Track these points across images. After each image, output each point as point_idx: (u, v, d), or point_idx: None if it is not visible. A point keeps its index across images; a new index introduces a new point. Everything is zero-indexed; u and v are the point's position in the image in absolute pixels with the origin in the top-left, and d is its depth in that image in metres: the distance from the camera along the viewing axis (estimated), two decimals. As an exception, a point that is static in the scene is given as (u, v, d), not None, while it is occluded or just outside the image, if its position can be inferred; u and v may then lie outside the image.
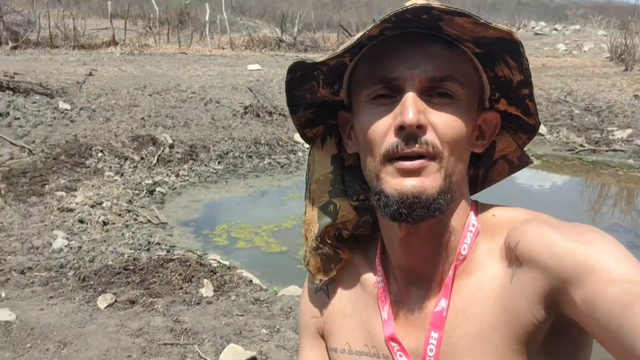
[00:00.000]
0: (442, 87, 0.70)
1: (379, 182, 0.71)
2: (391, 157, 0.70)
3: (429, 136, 0.69)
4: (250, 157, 7.92)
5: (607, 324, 0.56)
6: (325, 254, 0.86)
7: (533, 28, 22.90)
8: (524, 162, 0.85)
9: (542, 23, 23.74)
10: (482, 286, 0.72)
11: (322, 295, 0.90)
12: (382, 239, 0.83)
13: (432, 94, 0.70)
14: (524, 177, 8.31)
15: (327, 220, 0.84)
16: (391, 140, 0.69)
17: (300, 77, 0.79)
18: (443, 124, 0.70)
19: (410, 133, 0.68)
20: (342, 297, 0.87)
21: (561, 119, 10.16)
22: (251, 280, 4.01)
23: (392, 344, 0.78)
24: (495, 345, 0.69)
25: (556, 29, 22.16)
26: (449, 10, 0.64)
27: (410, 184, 0.69)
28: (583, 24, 23.32)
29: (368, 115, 0.73)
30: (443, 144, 0.70)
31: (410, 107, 0.68)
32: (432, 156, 0.69)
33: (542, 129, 9.67)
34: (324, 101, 0.83)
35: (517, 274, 0.69)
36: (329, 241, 0.86)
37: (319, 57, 0.76)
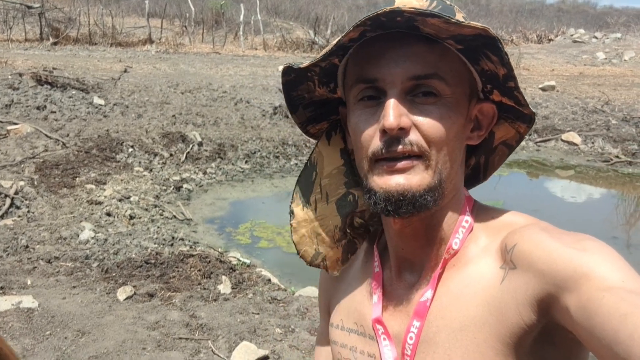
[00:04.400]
0: (426, 84, 0.71)
1: (368, 181, 0.74)
2: (377, 159, 0.72)
3: (412, 137, 0.70)
4: (277, 157, 7.96)
5: (602, 331, 0.55)
6: (347, 244, 0.90)
7: (572, 35, 22.36)
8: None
9: (582, 31, 23.16)
10: (470, 282, 0.73)
11: (332, 275, 0.95)
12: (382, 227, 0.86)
13: (416, 94, 0.71)
14: (556, 187, 8.12)
15: (348, 209, 0.88)
16: (376, 143, 0.71)
17: (295, 78, 0.81)
18: (428, 123, 0.70)
19: (392, 136, 0.70)
20: (347, 277, 0.92)
21: (597, 129, 9.88)
22: (270, 279, 4.01)
23: (378, 326, 0.80)
24: (476, 342, 0.69)
25: (596, 37, 21.57)
26: (419, 12, 0.65)
27: (395, 181, 0.71)
28: (624, 32, 22.65)
29: (357, 117, 0.75)
30: (429, 143, 0.71)
31: (391, 110, 0.69)
32: (418, 155, 0.71)
33: (576, 139, 9.42)
34: (324, 99, 0.86)
35: (509, 276, 0.68)
36: (349, 231, 0.89)
37: (306, 62, 0.78)
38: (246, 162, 7.71)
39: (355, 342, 0.84)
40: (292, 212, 0.91)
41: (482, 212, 0.80)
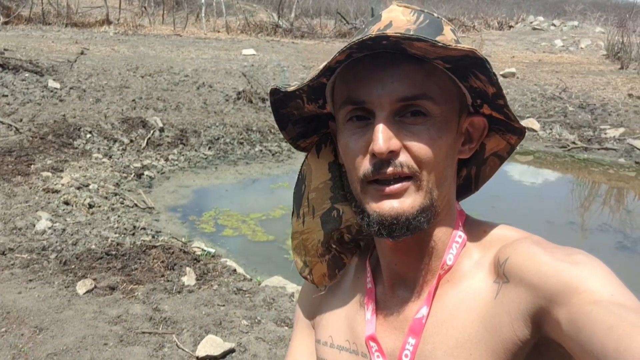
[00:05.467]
0: (415, 105, 0.71)
1: (361, 203, 0.74)
2: (368, 181, 0.72)
3: (402, 158, 0.70)
4: (242, 143, 7.85)
5: (590, 344, 0.55)
6: (331, 260, 0.89)
7: (531, 23, 22.80)
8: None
9: (541, 18, 23.65)
10: (465, 298, 0.73)
11: (320, 291, 0.94)
12: (374, 242, 0.86)
13: (404, 114, 0.71)
14: (515, 172, 8.31)
15: (332, 225, 0.87)
16: (366, 165, 0.71)
17: (283, 97, 0.81)
18: (418, 145, 0.70)
19: (382, 159, 0.70)
20: (336, 292, 0.90)
21: (555, 116, 10.14)
22: (235, 270, 3.96)
23: (371, 343, 0.79)
24: (472, 358, 0.70)
25: (554, 25, 22.07)
26: (405, 37, 0.64)
27: (389, 206, 0.70)
28: (581, 21, 23.26)
29: (346, 138, 0.75)
30: (419, 164, 0.71)
31: (380, 134, 0.69)
32: (408, 176, 0.71)
33: (535, 125, 9.65)
34: (313, 114, 0.85)
35: (503, 290, 0.69)
36: (334, 246, 0.88)
37: (292, 84, 0.79)
38: (209, 148, 7.58)
39: None
40: (292, 223, 0.91)
41: (475, 227, 0.80)
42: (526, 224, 6.12)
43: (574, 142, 9.01)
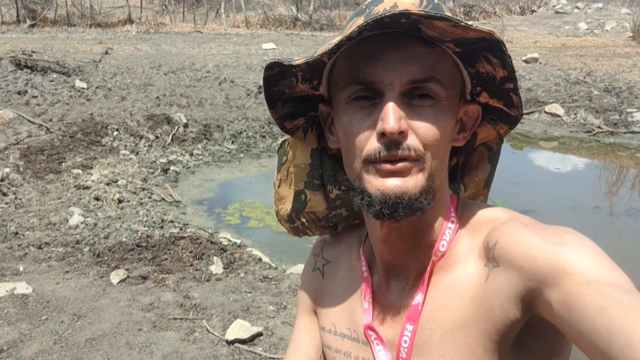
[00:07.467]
0: (423, 88, 0.70)
1: (361, 182, 0.72)
2: (373, 161, 0.71)
3: (411, 141, 0.69)
4: (264, 137, 7.96)
5: (582, 325, 0.56)
6: (293, 229, 0.97)
7: (554, 6, 22.34)
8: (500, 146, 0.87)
9: (564, 1, 23.13)
10: (458, 283, 0.74)
11: (317, 275, 0.96)
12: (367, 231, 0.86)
13: (412, 96, 0.71)
14: (539, 158, 8.24)
15: (298, 205, 0.92)
16: (373, 145, 0.70)
17: (278, 73, 0.80)
18: (425, 127, 0.70)
19: (391, 140, 0.69)
20: (335, 279, 0.92)
21: (579, 100, 9.98)
22: (260, 259, 4.07)
23: (370, 332, 0.81)
24: (467, 341, 0.71)
25: (578, 7, 21.59)
26: (428, 15, 0.63)
27: (393, 184, 0.70)
28: (606, 2, 22.69)
29: (349, 117, 0.73)
30: (425, 146, 0.70)
31: (392, 114, 0.68)
32: (415, 159, 0.70)
33: (559, 110, 9.52)
34: (304, 95, 0.84)
35: (493, 274, 0.70)
36: (301, 221, 0.94)
37: (296, 58, 0.77)
38: (233, 142, 7.70)
39: (349, 348, 0.85)
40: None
41: (466, 210, 0.80)
42: (551, 209, 6.07)
43: (599, 127, 8.87)
